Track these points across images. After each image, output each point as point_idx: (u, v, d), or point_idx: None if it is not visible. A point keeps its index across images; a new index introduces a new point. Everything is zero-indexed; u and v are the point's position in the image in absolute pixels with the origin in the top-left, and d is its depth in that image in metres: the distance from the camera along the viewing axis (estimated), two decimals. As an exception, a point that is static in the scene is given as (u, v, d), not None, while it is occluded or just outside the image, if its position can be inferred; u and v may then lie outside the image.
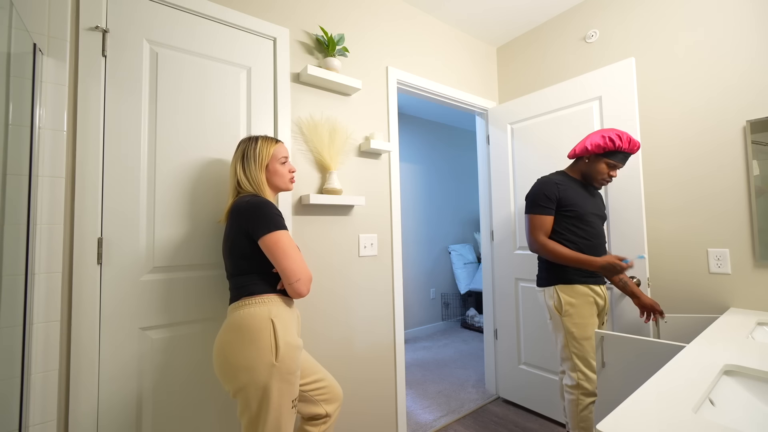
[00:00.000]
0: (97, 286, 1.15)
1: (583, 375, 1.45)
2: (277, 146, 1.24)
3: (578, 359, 1.47)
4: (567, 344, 1.49)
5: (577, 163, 1.61)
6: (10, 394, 0.97)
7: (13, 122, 0.99)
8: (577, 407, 1.46)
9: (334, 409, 1.23)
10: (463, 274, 4.18)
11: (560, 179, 1.57)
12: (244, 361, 1.01)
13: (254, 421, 1.02)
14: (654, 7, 1.86)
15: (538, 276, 1.63)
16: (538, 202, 1.53)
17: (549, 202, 1.52)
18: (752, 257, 1.56)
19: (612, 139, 1.45)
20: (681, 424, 0.64)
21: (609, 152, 1.48)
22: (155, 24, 1.30)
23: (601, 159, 1.50)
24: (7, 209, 0.98)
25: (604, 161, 1.50)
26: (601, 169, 1.51)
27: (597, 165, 1.52)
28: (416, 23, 2.16)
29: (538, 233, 1.52)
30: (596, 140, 1.48)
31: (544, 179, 1.57)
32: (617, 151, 1.47)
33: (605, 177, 1.53)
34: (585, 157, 1.55)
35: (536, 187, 1.56)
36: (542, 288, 1.60)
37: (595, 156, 1.52)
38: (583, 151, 1.52)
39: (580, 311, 1.48)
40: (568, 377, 1.50)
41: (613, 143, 1.45)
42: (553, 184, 1.53)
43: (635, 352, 1.17)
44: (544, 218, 1.52)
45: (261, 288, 1.09)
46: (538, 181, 1.59)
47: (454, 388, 2.58)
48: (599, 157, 1.51)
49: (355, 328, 1.75)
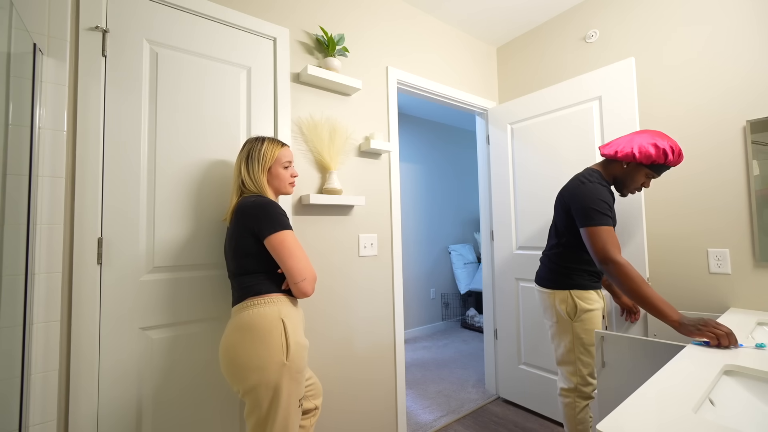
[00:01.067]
0: (97, 286, 1.15)
1: (582, 380, 1.42)
2: (282, 150, 1.24)
3: (582, 365, 1.42)
4: (573, 349, 1.43)
5: (611, 165, 1.41)
6: (10, 395, 0.97)
7: (13, 122, 0.99)
8: (574, 410, 1.44)
9: (320, 402, 1.31)
10: (463, 274, 4.18)
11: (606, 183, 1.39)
12: (254, 361, 1.01)
13: (263, 421, 1.02)
14: (654, 7, 1.86)
15: (545, 277, 1.52)
16: (601, 211, 1.29)
17: (611, 211, 1.32)
18: (752, 257, 1.56)
19: (666, 153, 1.27)
20: (681, 424, 0.64)
21: (657, 165, 1.31)
22: (155, 24, 1.30)
23: (644, 169, 1.33)
24: (7, 209, 0.98)
25: (645, 171, 1.34)
26: (639, 179, 1.36)
27: (637, 174, 1.35)
28: (416, 23, 2.16)
29: (613, 249, 1.24)
30: (647, 150, 1.28)
31: (596, 185, 1.34)
32: (666, 164, 1.31)
33: (639, 187, 1.39)
34: (625, 162, 1.36)
35: (593, 194, 1.32)
36: (551, 290, 1.48)
37: (637, 164, 1.34)
38: (628, 156, 1.32)
39: (594, 318, 1.42)
40: (565, 380, 1.46)
41: (666, 157, 1.27)
42: (609, 191, 1.35)
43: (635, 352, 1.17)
44: (611, 230, 1.28)
45: (267, 287, 1.10)
46: (589, 187, 1.34)
47: (454, 388, 2.58)
48: (642, 167, 1.34)
49: (355, 327, 1.75)
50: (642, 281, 1.18)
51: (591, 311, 1.43)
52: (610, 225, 1.29)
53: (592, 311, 1.43)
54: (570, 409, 1.45)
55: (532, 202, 2.20)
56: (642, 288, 1.17)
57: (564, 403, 1.47)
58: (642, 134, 1.33)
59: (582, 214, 1.32)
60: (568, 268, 1.46)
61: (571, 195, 1.39)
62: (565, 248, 1.47)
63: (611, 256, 1.23)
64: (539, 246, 2.16)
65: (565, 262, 1.47)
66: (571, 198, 1.39)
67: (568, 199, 1.40)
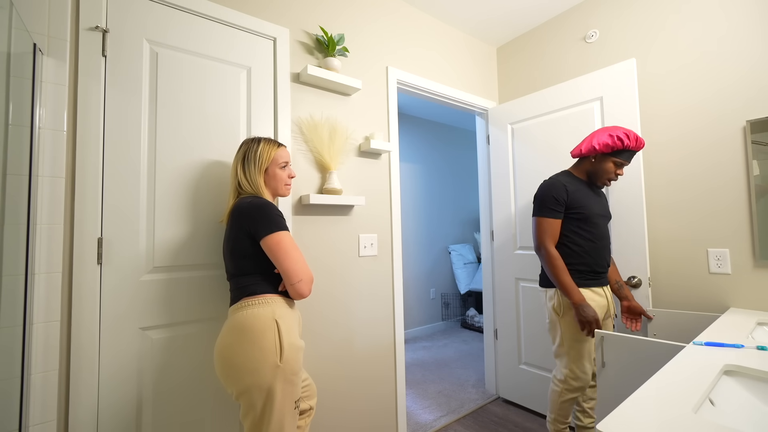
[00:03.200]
0: (97, 286, 1.15)
1: (572, 374, 1.50)
2: (278, 150, 1.23)
3: (571, 359, 1.50)
4: (562, 343, 1.53)
5: (581, 163, 1.59)
6: (10, 394, 0.97)
7: (13, 122, 0.99)
8: (559, 398, 1.54)
9: (315, 402, 1.32)
10: (463, 274, 4.18)
11: (567, 180, 1.55)
12: (248, 362, 1.00)
13: (258, 423, 1.01)
14: (654, 7, 1.86)
15: (541, 276, 1.63)
16: (547, 205, 1.51)
17: (558, 205, 1.51)
18: (752, 257, 1.56)
19: (620, 138, 1.43)
20: (681, 424, 0.64)
21: (617, 151, 1.46)
22: (155, 24, 1.30)
23: (609, 158, 1.49)
24: (7, 209, 0.98)
25: (611, 160, 1.49)
26: (608, 168, 1.50)
27: (604, 164, 1.50)
28: (416, 23, 2.16)
29: (546, 238, 1.51)
30: (604, 139, 1.46)
31: (551, 180, 1.55)
32: (625, 149, 1.46)
33: (612, 176, 1.52)
34: (591, 156, 1.53)
35: (544, 188, 1.55)
36: (544, 288, 1.61)
37: (602, 155, 1.50)
38: (590, 150, 1.50)
39: None
40: (558, 371, 1.56)
41: (622, 142, 1.43)
42: (562, 186, 1.52)
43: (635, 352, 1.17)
44: (552, 222, 1.51)
45: (263, 288, 1.09)
46: (545, 182, 1.57)
47: (454, 388, 2.58)
48: (607, 156, 1.49)
49: (355, 327, 1.75)
50: (562, 269, 1.47)
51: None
52: (552, 217, 1.51)
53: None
54: (556, 396, 1.55)
55: (532, 202, 2.20)
56: (561, 274, 1.46)
57: (552, 389, 1.58)
58: (600, 130, 1.52)
59: (535, 205, 1.58)
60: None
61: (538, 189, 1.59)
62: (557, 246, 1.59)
63: (544, 245, 1.51)
64: (539, 246, 2.16)
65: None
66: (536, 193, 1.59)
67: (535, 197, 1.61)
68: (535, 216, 1.55)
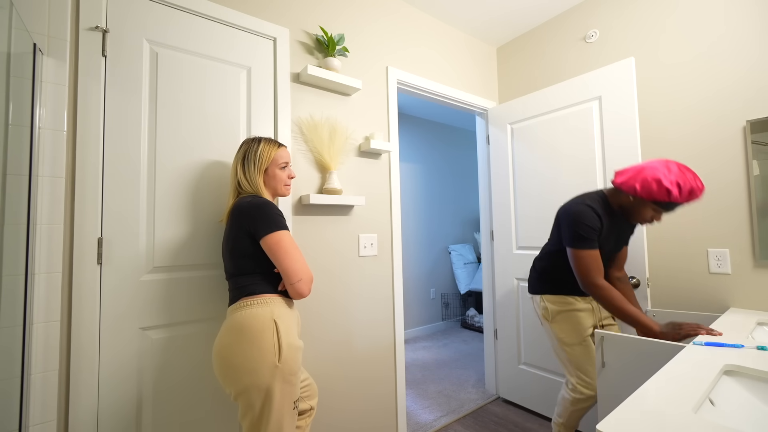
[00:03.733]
0: (97, 286, 1.15)
1: (580, 380, 1.46)
2: (278, 150, 1.23)
3: (571, 364, 1.48)
4: (557, 349, 1.53)
5: (618, 195, 1.39)
6: (10, 394, 0.97)
7: (13, 122, 0.99)
8: (571, 405, 1.49)
9: (315, 402, 1.32)
10: (463, 274, 4.18)
11: (600, 210, 1.37)
12: (246, 363, 1.00)
13: (256, 423, 1.01)
14: (654, 7, 1.86)
15: (530, 281, 1.63)
16: (585, 235, 1.34)
17: (594, 233, 1.35)
18: (752, 257, 1.56)
19: (669, 191, 1.20)
20: (681, 424, 0.64)
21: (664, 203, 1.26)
22: (155, 24, 1.30)
23: (649, 204, 1.28)
24: (7, 209, 0.98)
25: (652, 206, 1.29)
26: (645, 214, 1.32)
27: (642, 208, 1.31)
28: (416, 23, 2.16)
29: (594, 274, 1.33)
30: (650, 186, 1.23)
31: (584, 208, 1.36)
32: (675, 204, 1.24)
33: (647, 221, 1.35)
34: (631, 195, 1.32)
35: (578, 217, 1.35)
36: (531, 295, 1.63)
37: (640, 200, 1.30)
38: (631, 190, 1.29)
39: (571, 318, 1.48)
40: (568, 380, 1.53)
41: (669, 195, 1.20)
42: (596, 218, 1.35)
43: (635, 352, 1.17)
44: (593, 253, 1.34)
45: (262, 288, 1.09)
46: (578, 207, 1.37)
47: (454, 388, 2.58)
48: (646, 202, 1.29)
49: (355, 327, 1.75)
50: (622, 300, 1.29)
51: (566, 312, 1.50)
52: (593, 248, 1.35)
53: (568, 312, 1.49)
54: (567, 403, 1.51)
55: (532, 202, 2.20)
56: (623, 306, 1.29)
57: (562, 396, 1.53)
58: (652, 166, 1.27)
59: (568, 234, 1.39)
60: (544, 273, 1.57)
61: (564, 212, 1.43)
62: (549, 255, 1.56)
63: (593, 281, 1.33)
64: (539, 246, 2.16)
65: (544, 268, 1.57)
66: (563, 215, 1.43)
67: (561, 214, 1.45)
68: (573, 248, 1.36)
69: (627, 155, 1.78)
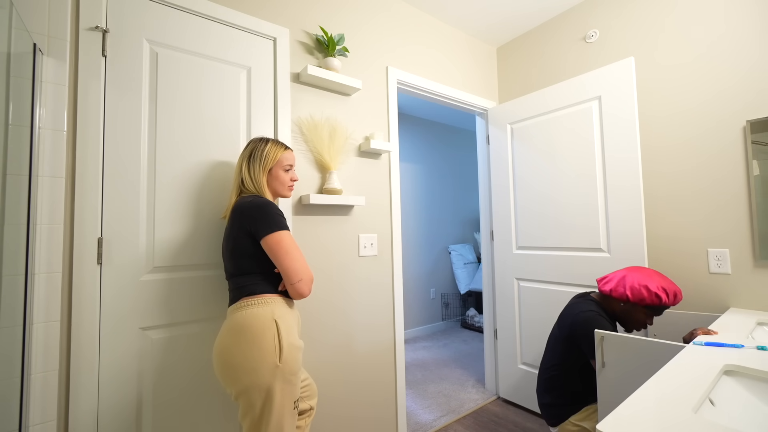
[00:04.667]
0: (97, 286, 1.15)
1: None
2: (285, 152, 1.25)
3: None
4: None
5: (610, 301, 1.45)
6: (10, 394, 0.97)
7: (13, 122, 0.99)
8: None
9: (315, 402, 1.32)
10: (463, 274, 4.17)
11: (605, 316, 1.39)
12: (246, 362, 1.00)
13: (257, 423, 1.01)
14: (654, 7, 1.86)
15: (547, 409, 1.44)
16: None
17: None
18: (752, 257, 1.56)
19: (659, 297, 1.31)
20: (681, 424, 0.64)
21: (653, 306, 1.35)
22: (155, 24, 1.30)
23: (642, 308, 1.37)
24: (7, 209, 0.98)
25: (644, 310, 1.37)
26: (639, 318, 1.38)
27: (635, 313, 1.38)
28: (416, 23, 2.16)
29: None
30: (640, 292, 1.33)
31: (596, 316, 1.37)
32: (663, 306, 1.34)
33: (643, 327, 1.40)
34: (622, 301, 1.39)
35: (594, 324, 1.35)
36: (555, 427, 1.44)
37: (634, 305, 1.37)
38: (623, 297, 1.37)
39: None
40: None
41: (659, 300, 1.31)
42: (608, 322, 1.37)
43: (635, 352, 1.17)
44: None
45: (262, 288, 1.09)
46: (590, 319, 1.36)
47: (454, 388, 2.58)
48: (638, 306, 1.37)
49: (355, 327, 1.75)
50: None
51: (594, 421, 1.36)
52: None
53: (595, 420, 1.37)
54: None
55: (531, 202, 2.20)
56: None
57: None
58: (633, 272, 1.38)
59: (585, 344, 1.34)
60: (561, 393, 1.42)
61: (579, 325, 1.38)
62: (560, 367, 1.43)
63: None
64: (539, 246, 2.16)
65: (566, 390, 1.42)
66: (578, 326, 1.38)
67: (575, 329, 1.39)
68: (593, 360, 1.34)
69: (626, 155, 1.78)
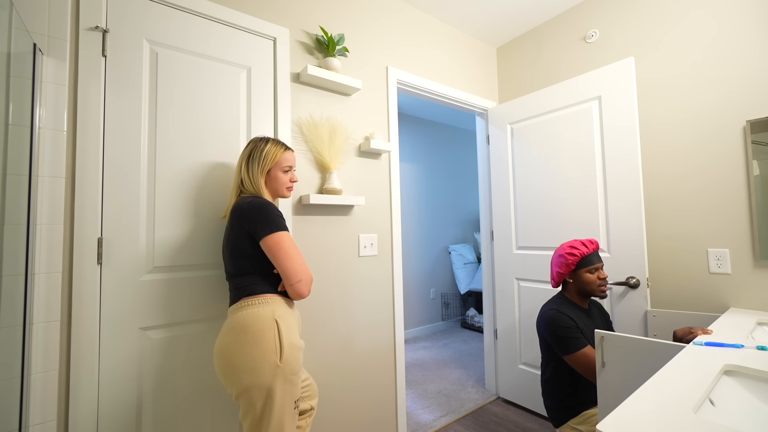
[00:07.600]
0: (97, 286, 1.15)
1: None
2: (285, 153, 1.23)
3: None
4: None
5: (566, 287, 1.53)
6: (10, 394, 0.97)
7: (13, 122, 0.99)
8: None
9: (316, 402, 1.32)
10: (463, 274, 4.17)
11: (568, 309, 1.44)
12: (247, 362, 1.00)
13: (257, 423, 1.01)
14: (654, 7, 1.86)
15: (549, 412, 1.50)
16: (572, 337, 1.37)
17: (577, 332, 1.38)
18: (752, 257, 1.56)
19: (571, 253, 1.45)
20: (681, 424, 0.64)
21: (580, 262, 1.45)
22: (155, 24, 1.30)
23: (578, 271, 1.46)
24: (7, 209, 0.98)
25: (582, 271, 1.46)
26: (588, 279, 1.45)
27: (580, 278, 1.46)
28: (416, 23, 2.16)
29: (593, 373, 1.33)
30: (563, 260, 1.46)
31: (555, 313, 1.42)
32: (584, 257, 1.45)
33: (598, 283, 1.46)
34: (566, 277, 1.50)
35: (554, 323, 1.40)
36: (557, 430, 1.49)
37: (572, 273, 1.48)
38: (560, 276, 1.49)
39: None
40: None
41: (573, 255, 1.44)
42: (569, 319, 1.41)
43: (635, 352, 1.17)
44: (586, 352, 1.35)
45: (262, 288, 1.09)
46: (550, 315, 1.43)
47: (454, 388, 2.58)
48: (575, 272, 1.47)
49: (355, 327, 1.75)
50: None
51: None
52: (582, 348, 1.36)
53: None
54: None
55: (531, 202, 2.20)
56: None
57: None
58: (553, 256, 1.54)
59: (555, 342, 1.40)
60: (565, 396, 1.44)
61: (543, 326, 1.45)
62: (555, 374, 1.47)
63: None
64: (539, 246, 2.16)
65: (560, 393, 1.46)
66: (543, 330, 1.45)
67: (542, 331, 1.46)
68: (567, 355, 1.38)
69: (627, 155, 1.78)
